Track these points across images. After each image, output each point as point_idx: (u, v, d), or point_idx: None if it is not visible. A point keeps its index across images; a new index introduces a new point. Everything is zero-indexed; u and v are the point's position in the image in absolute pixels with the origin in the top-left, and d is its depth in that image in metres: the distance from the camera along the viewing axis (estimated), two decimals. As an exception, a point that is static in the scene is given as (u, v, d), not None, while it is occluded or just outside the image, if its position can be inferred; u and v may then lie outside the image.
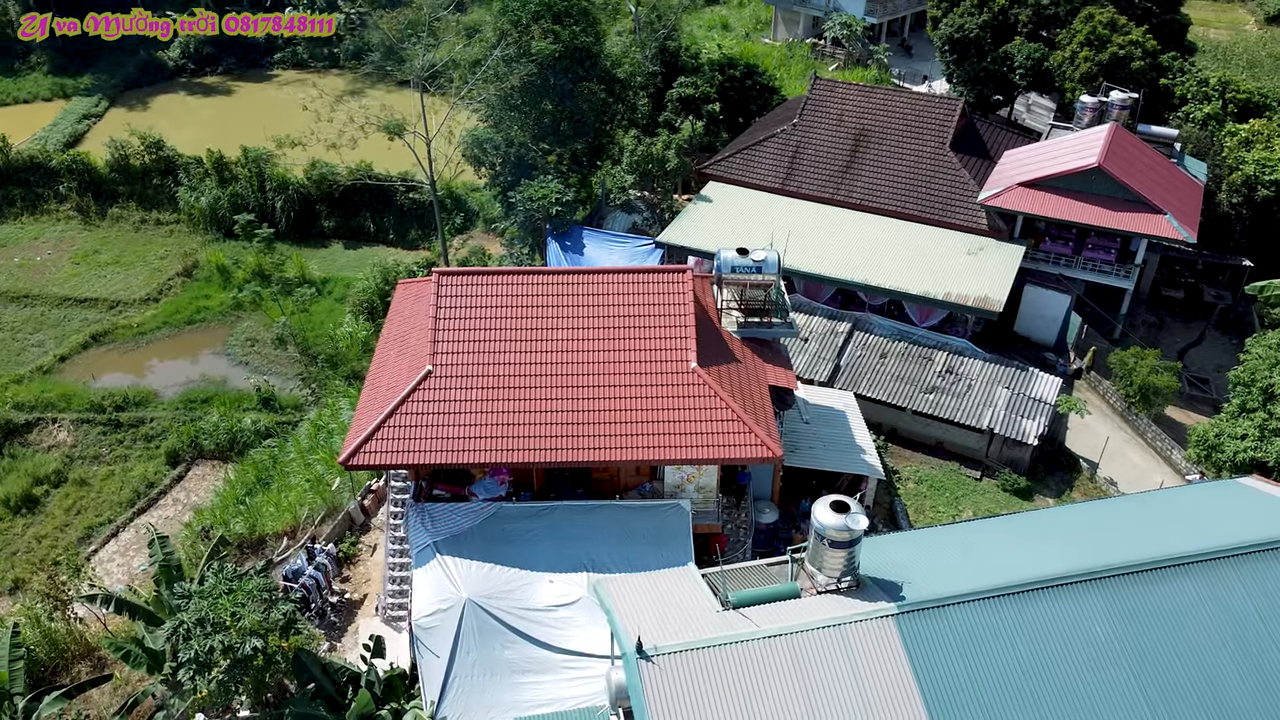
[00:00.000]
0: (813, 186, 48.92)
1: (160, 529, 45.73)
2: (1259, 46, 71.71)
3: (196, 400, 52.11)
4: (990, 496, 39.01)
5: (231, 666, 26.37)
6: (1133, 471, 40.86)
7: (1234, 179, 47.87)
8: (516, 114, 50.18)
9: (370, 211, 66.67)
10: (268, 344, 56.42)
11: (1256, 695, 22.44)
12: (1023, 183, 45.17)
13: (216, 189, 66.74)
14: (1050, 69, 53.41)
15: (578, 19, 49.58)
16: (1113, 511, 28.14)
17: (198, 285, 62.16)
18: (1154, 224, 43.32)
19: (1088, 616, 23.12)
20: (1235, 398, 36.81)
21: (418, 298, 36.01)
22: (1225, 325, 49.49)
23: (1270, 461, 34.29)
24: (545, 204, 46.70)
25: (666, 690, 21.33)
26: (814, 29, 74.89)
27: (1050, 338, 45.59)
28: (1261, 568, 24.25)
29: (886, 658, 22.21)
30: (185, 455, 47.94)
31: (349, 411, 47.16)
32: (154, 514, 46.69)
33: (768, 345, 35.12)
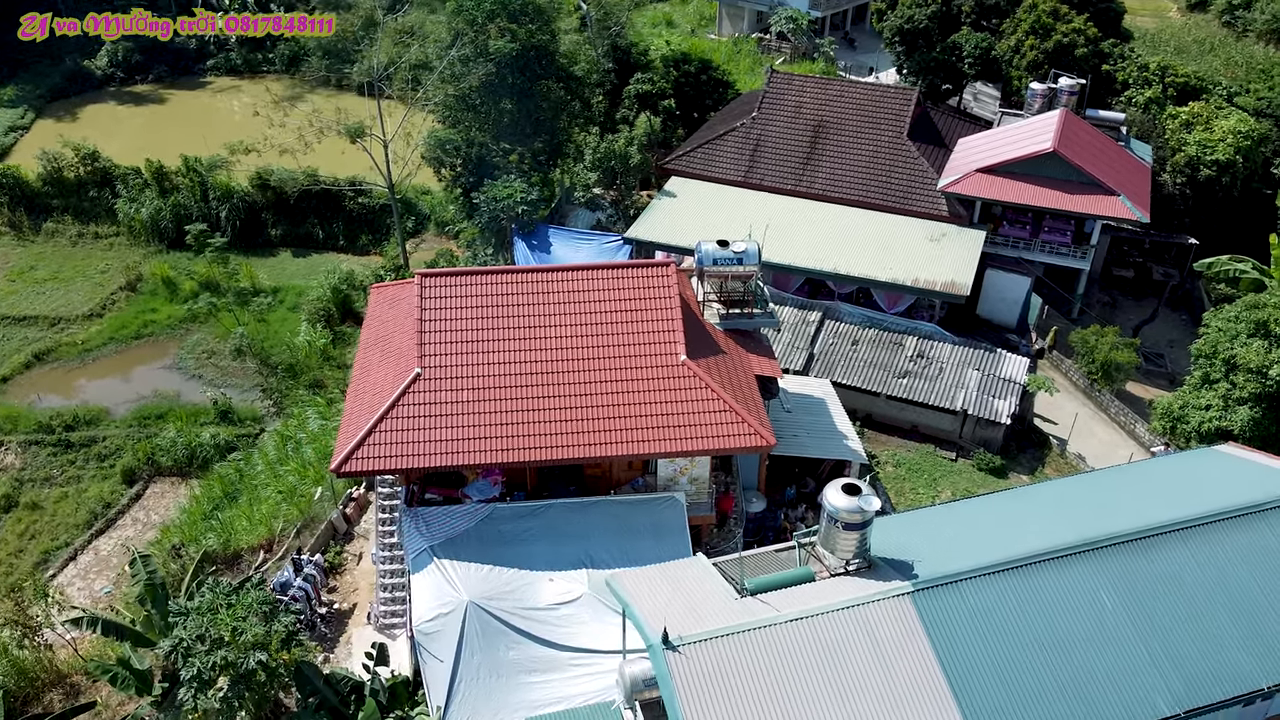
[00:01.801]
0: (775, 178, 49.39)
1: (121, 549, 44.57)
2: (1184, 32, 74.31)
3: (150, 416, 50.82)
4: (967, 476, 39.80)
5: (234, 682, 25.72)
6: (1100, 446, 42.04)
7: (1177, 160, 49.56)
8: (474, 114, 49.75)
9: (318, 218, 65.55)
10: (222, 356, 55.19)
11: (1255, 652, 23.30)
12: (981, 169, 46.20)
13: (157, 200, 65.05)
14: (997, 58, 54.68)
15: (533, 17, 49.34)
16: (1103, 483, 28.91)
17: (143, 299, 60.55)
18: (1109, 205, 44.64)
19: (1094, 585, 23.76)
20: (1197, 370, 38.09)
21: (394, 301, 35.51)
22: (1174, 302, 51.19)
23: (1235, 430, 35.59)
24: (510, 203, 46.37)
25: (695, 679, 21.36)
26: (758, 23, 75.56)
27: (1012, 319, 46.69)
28: (1250, 530, 25.21)
29: (906, 635, 22.54)
30: (142, 473, 46.77)
31: (317, 421, 46.35)
32: (113, 535, 45.35)
33: (749, 336, 35.39)
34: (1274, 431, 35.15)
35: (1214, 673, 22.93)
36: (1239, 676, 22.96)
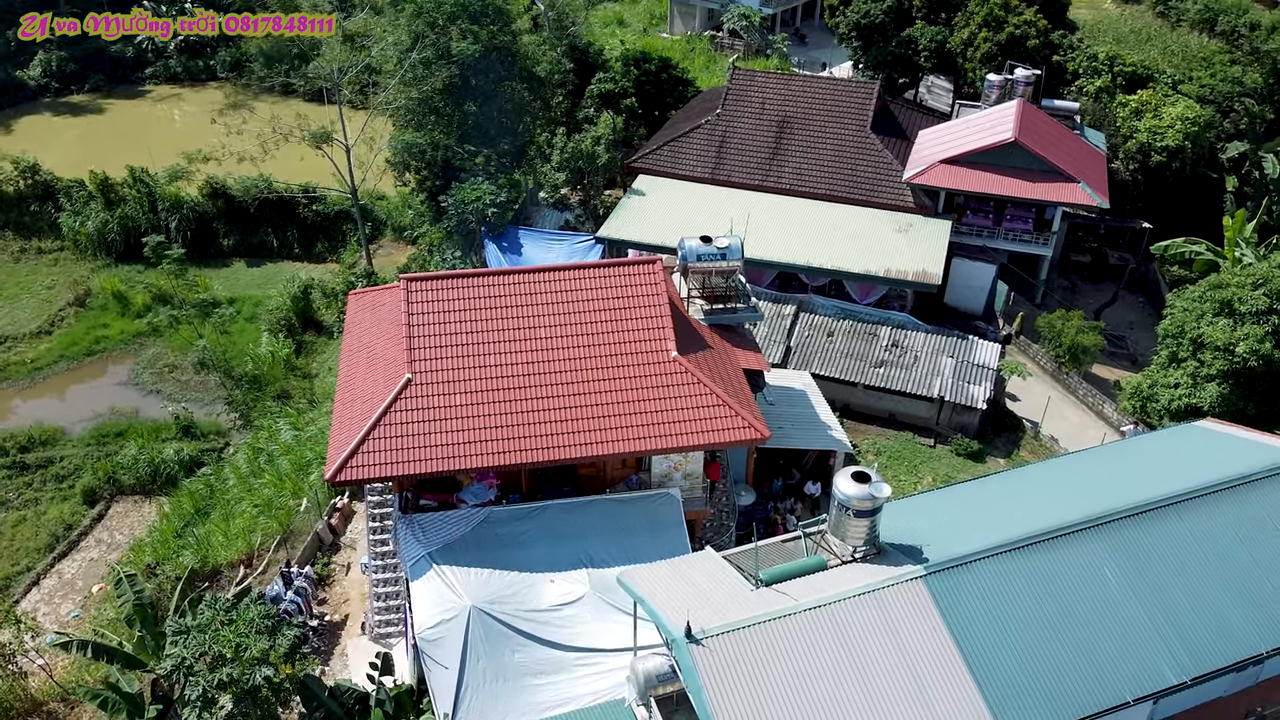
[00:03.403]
0: (742, 174, 49.72)
1: (86, 572, 43.38)
2: (1120, 23, 76.30)
3: (109, 434, 49.75)
4: (946, 462, 40.45)
5: (239, 700, 25.15)
6: (1071, 427, 43.02)
7: (1129, 147, 50.95)
8: (438, 117, 49.29)
9: (272, 227, 64.48)
10: (183, 370, 54.08)
11: (1253, 619, 24.04)
12: (945, 159, 47.00)
13: (103, 212, 63.52)
14: (952, 51, 55.69)
15: (494, 18, 49.05)
16: (1093, 462, 29.62)
17: (93, 314, 59.17)
18: (1070, 192, 45.74)
19: (1097, 559, 24.31)
20: (1164, 349, 39.16)
21: (375, 307, 35.04)
22: (1131, 285, 52.61)
23: (1204, 406, 36.68)
24: (480, 205, 46.00)
25: (719, 671, 21.41)
26: (709, 21, 75.98)
27: (979, 307, 47.57)
28: (1239, 501, 26.00)
29: (921, 617, 22.85)
30: (103, 493, 45.84)
31: (289, 431, 45.53)
32: (76, 557, 44.28)
33: (733, 330, 35.56)
34: (1241, 407, 36.29)
35: (1215, 641, 23.58)
36: (1239, 643, 23.66)
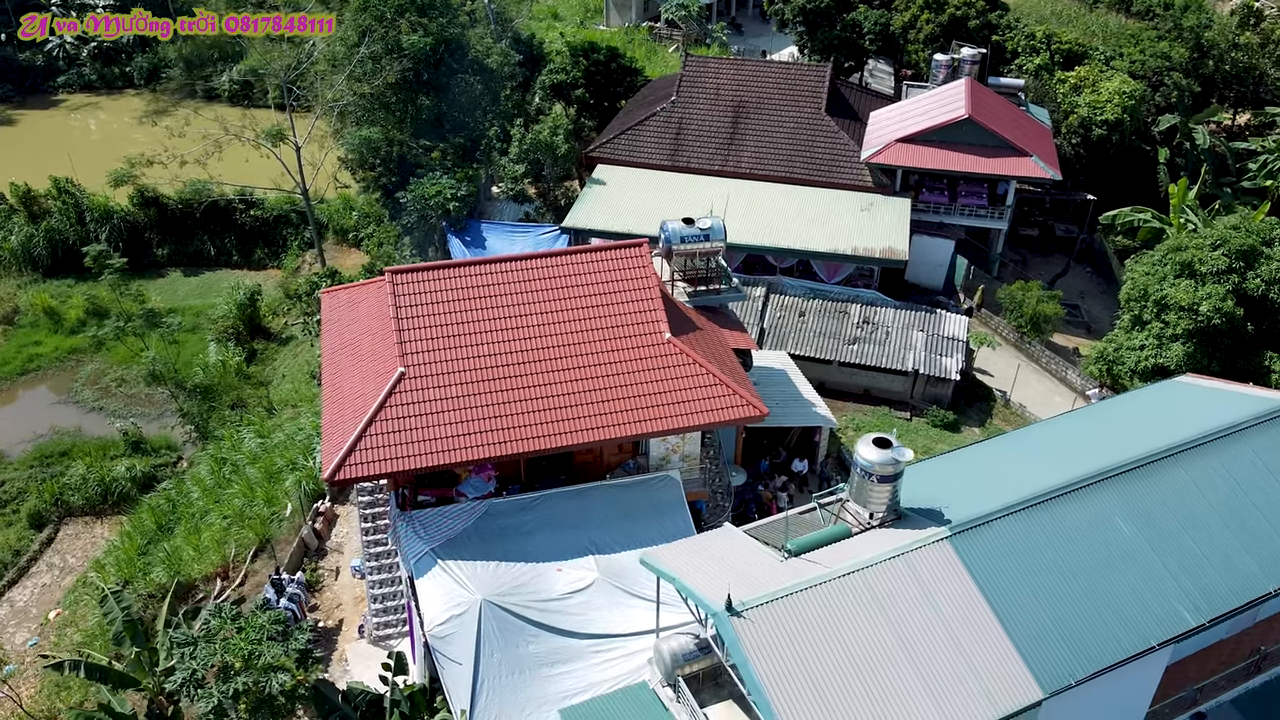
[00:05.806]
0: (701, 160, 49.76)
1: (39, 598, 41.52)
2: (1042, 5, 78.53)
3: (52, 455, 47.96)
4: (924, 433, 41.06)
5: (254, 709, 24.19)
6: (1037, 394, 44.06)
7: (1071, 121, 52.42)
8: (389, 113, 48.24)
9: (208, 234, 62.62)
10: (130, 384, 52.22)
11: (1260, 559, 24.86)
12: (900, 139, 47.70)
13: (27, 226, 60.92)
14: (895, 33, 56.59)
15: (441, 10, 48.20)
16: (1089, 420, 30.30)
17: (23, 332, 56.94)
18: (1023, 166, 46.82)
19: (1110, 510, 24.87)
20: (1126, 313, 40.31)
21: (353, 303, 34.14)
22: (1078, 255, 54.14)
23: (1170, 365, 37.86)
24: (440, 201, 45.13)
25: (764, 642, 21.29)
26: (645, 12, 75.95)
27: (939, 282, 48.39)
28: (1233, 447, 26.86)
29: (951, 575, 23.07)
30: (51, 516, 44.08)
31: (253, 440, 44.12)
32: (26, 584, 42.55)
33: (717, 311, 35.56)
34: (1206, 364, 37.54)
35: (1227, 582, 24.34)
36: (1248, 583, 24.45)
